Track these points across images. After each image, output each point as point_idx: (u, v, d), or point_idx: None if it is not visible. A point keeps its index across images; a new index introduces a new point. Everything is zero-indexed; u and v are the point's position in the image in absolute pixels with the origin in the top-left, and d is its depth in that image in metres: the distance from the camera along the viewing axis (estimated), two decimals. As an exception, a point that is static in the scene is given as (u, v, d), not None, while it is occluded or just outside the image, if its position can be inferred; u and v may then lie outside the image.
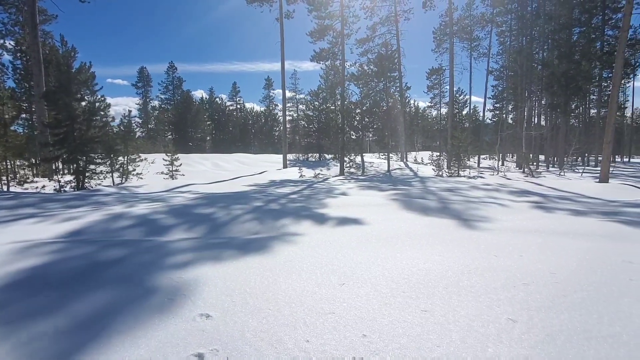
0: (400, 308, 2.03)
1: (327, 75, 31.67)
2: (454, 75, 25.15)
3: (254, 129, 68.05)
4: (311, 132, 33.58)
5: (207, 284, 2.34)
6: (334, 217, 4.93)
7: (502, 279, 2.46)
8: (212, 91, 68.02)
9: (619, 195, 8.11)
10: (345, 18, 22.12)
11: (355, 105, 23.34)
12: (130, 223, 4.52)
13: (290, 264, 2.78)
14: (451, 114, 26.99)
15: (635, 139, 47.14)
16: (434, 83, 43.67)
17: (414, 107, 56.08)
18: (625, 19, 12.42)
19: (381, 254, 3.05)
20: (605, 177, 12.48)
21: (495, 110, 42.44)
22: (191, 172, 19.33)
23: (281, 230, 4.13)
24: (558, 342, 1.69)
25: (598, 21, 26.98)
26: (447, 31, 29.48)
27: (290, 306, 2.03)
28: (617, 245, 3.43)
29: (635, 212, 5.33)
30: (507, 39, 32.16)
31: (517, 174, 19.22)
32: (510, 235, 3.81)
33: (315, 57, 26.20)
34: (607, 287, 2.36)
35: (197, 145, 58.36)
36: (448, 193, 7.56)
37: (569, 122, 26.96)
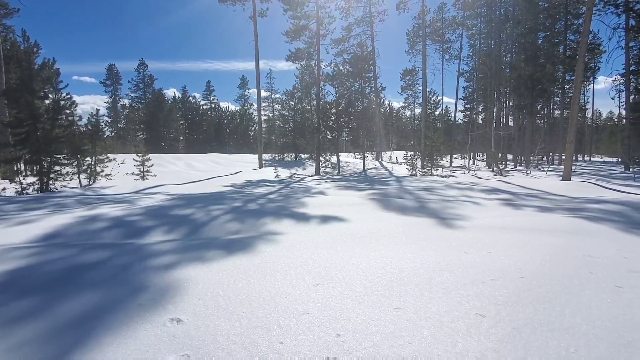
0: (374, 306, 2.05)
1: (303, 75, 31.66)
2: (427, 76, 25.69)
3: (228, 128, 67.02)
4: (287, 132, 33.46)
5: (179, 287, 2.29)
6: (310, 216, 4.93)
7: (472, 275, 2.54)
8: (185, 90, 66.39)
9: (581, 193, 8.53)
10: (320, 18, 22.16)
11: (330, 105, 23.44)
12: (103, 226, 4.35)
13: (264, 264, 2.76)
14: (424, 114, 27.58)
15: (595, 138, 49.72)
16: (408, 84, 44.48)
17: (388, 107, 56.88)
18: (586, 24, 13.08)
19: (356, 253, 3.08)
20: (568, 175, 13.10)
21: (466, 111, 43.73)
22: (163, 172, 18.82)
23: (257, 231, 4.10)
24: (524, 335, 1.75)
25: (561, 26, 28.30)
26: (420, 33, 30.10)
27: (264, 308, 2.01)
28: (579, 240, 3.60)
29: (597, 208, 5.61)
30: (477, 42, 33.21)
31: (487, 172, 19.86)
32: (481, 233, 3.93)
33: (290, 57, 26.10)
34: (569, 280, 2.48)
35: (170, 145, 56.93)
36: (424, 192, 7.73)
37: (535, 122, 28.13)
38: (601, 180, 13.10)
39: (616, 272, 2.66)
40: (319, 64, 22.00)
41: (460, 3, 31.31)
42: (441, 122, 45.02)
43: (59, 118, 12.57)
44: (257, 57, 23.58)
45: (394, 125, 54.45)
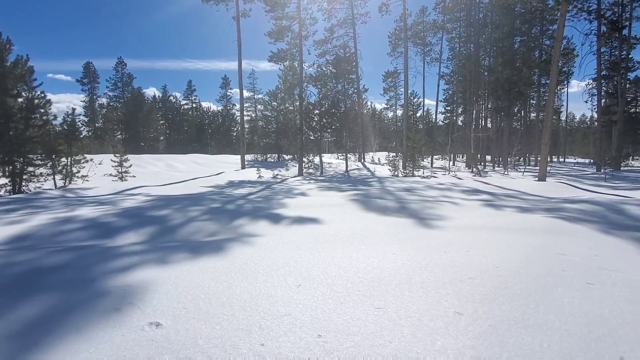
0: (355, 306, 2.07)
1: (286, 75, 31.57)
2: (408, 78, 26.07)
3: (210, 128, 66.18)
4: (270, 133, 33.29)
5: (158, 291, 2.25)
6: (292, 217, 4.93)
7: (451, 274, 2.59)
8: (166, 89, 65.11)
9: (556, 193, 8.81)
10: (303, 19, 22.17)
11: (313, 106, 23.48)
12: (77, 227, 4.23)
13: (246, 266, 2.74)
14: (406, 115, 27.95)
15: (569, 140, 51.48)
16: (390, 85, 44.98)
17: (371, 109, 57.36)
18: (559, 30, 13.54)
19: (338, 254, 3.10)
20: (544, 175, 13.53)
21: (446, 113, 44.53)
22: (143, 173, 18.44)
23: (239, 232, 4.06)
24: (500, 332, 1.80)
25: (537, 31, 29.22)
26: (401, 36, 30.49)
27: (245, 310, 2.00)
28: (554, 239, 3.72)
29: (573, 208, 5.79)
30: (457, 45, 33.87)
31: (467, 173, 20.30)
32: (460, 232, 4.01)
33: (273, 58, 26.02)
34: (543, 278, 2.56)
35: (150, 145, 55.75)
36: (405, 193, 7.83)
37: (512, 124, 28.94)
38: (574, 181, 13.58)
39: (587, 269, 2.76)
40: (302, 64, 22.00)
41: (440, 7, 31.93)
42: (422, 124, 45.75)
43: (33, 117, 12.16)
44: (240, 57, 23.41)
45: (377, 126, 54.95)
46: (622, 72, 24.15)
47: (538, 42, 29.25)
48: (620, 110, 23.77)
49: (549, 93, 14.76)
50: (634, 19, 23.67)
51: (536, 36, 29.27)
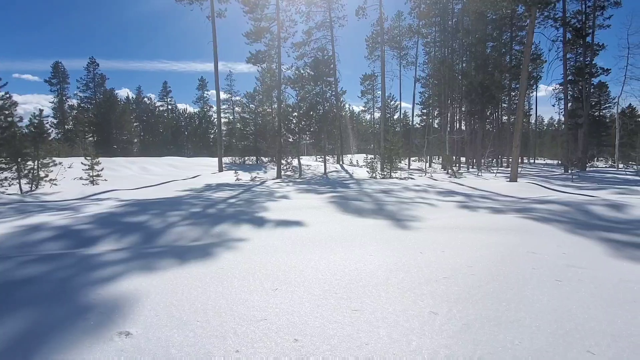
0: (332, 309, 2.06)
1: (264, 77, 31.34)
2: (385, 81, 26.44)
3: (187, 131, 64.94)
4: (248, 135, 32.95)
5: (129, 299, 2.17)
6: (270, 220, 4.88)
7: (426, 274, 2.62)
8: (140, 90, 63.42)
9: (526, 193, 9.12)
10: (281, 21, 22.14)
11: (292, 108, 23.44)
12: (45, 236, 4.03)
13: (222, 271, 2.69)
14: (383, 118, 28.32)
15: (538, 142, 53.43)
16: (367, 88, 45.41)
17: (349, 111, 57.80)
18: (529, 36, 14.08)
19: (316, 256, 3.09)
20: (515, 176, 13.99)
21: (422, 116, 45.44)
22: (116, 177, 17.85)
23: (217, 236, 3.99)
24: (473, 330, 1.84)
25: (507, 37, 30.26)
26: (378, 39, 30.89)
27: (220, 316, 1.96)
28: (524, 238, 3.84)
29: (543, 208, 5.98)
30: (432, 50, 34.66)
31: (442, 175, 20.75)
32: (436, 233, 4.08)
33: (251, 59, 25.78)
34: (514, 276, 2.63)
35: (123, 148, 54.17)
36: (382, 194, 7.90)
37: (485, 127, 29.81)
38: (544, 181, 14.10)
39: (556, 267, 2.86)
40: (280, 66, 21.92)
41: (415, 12, 32.56)
42: (400, 126, 46.46)
43: (-4, 119, 11.55)
44: (216, 58, 23.10)
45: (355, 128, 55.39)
46: (587, 77, 25.33)
47: (508, 48, 30.32)
48: (585, 114, 24.91)
49: (519, 97, 15.30)
50: (596, 27, 24.85)
51: (506, 42, 30.32)
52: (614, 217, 5.06)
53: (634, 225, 4.54)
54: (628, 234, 4.06)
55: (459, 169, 24.86)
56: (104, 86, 58.73)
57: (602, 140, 37.23)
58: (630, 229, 4.30)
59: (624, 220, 4.88)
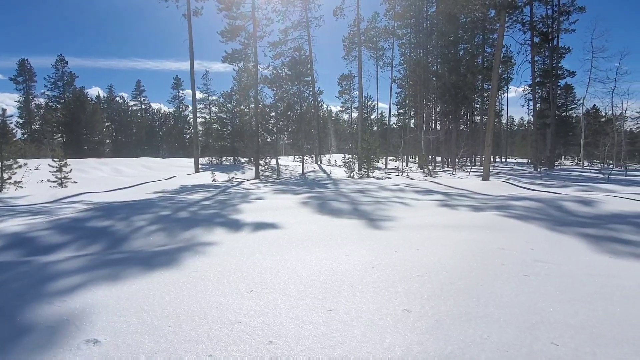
0: (308, 309, 2.06)
1: (240, 77, 31.01)
2: (362, 82, 26.69)
3: (162, 131, 63.45)
4: (225, 135, 32.53)
5: (97, 306, 2.10)
6: (246, 222, 4.83)
7: (401, 273, 2.67)
8: (112, 89, 61.46)
9: (498, 191, 9.42)
10: (257, 20, 21.94)
11: (269, 108, 23.31)
12: (2, 243, 3.84)
13: (195, 274, 2.65)
14: (361, 118, 28.58)
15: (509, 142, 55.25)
16: (345, 88, 45.73)
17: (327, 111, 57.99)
18: (499, 39, 14.54)
19: (292, 257, 3.08)
20: (487, 175, 14.42)
21: (399, 116, 46.15)
22: (86, 179, 17.22)
23: (190, 240, 3.91)
24: (445, 326, 1.88)
25: (479, 40, 31.16)
26: (355, 40, 31.14)
27: (193, 320, 1.93)
28: (494, 235, 3.97)
29: (519, 205, 6.15)
30: (407, 51, 35.24)
31: (419, 174, 21.12)
32: (410, 232, 4.16)
33: (227, 58, 25.43)
34: (484, 272, 2.71)
35: (94, 149, 52.22)
36: (359, 194, 7.97)
37: (459, 127, 30.58)
38: (514, 179, 14.61)
39: (524, 262, 2.97)
40: (257, 66, 21.75)
41: (391, 13, 33.01)
42: (377, 126, 46.98)
43: (-47, 118, 10.91)
44: (192, 57, 22.66)
45: (333, 128, 55.63)
46: (554, 79, 26.44)
47: (480, 50, 31.25)
48: (553, 114, 25.98)
49: (491, 98, 15.79)
50: (562, 31, 25.97)
51: (479, 44, 31.24)
52: (583, 213, 5.29)
53: (595, 220, 4.76)
54: (590, 229, 4.25)
55: (435, 168, 25.40)
56: (74, 85, 56.48)
57: (569, 139, 38.92)
58: (590, 224, 4.51)
59: (594, 215, 5.11)
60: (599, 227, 4.34)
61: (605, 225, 4.42)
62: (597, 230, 4.22)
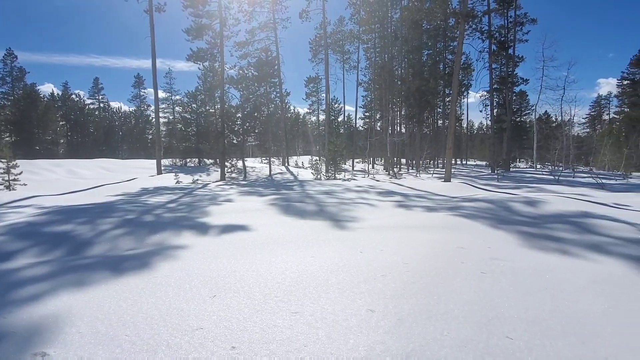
0: (272, 313, 2.05)
1: (206, 76, 30.27)
2: (329, 84, 26.92)
3: (122, 131, 60.72)
4: (189, 136, 31.61)
5: (48, 316, 1.97)
6: (210, 225, 4.72)
7: (365, 273, 2.71)
8: (67, 86, 57.94)
9: (458, 192, 9.79)
10: (224, 19, 21.54)
11: (236, 109, 22.93)
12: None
13: (156, 280, 2.55)
14: (328, 120, 28.79)
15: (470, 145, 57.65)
16: (312, 91, 45.88)
17: (294, 113, 57.89)
18: (459, 46, 15.17)
19: (257, 260, 3.05)
20: (449, 177, 14.97)
21: (365, 119, 46.82)
22: (37, 181, 16.12)
23: (151, 244, 3.77)
24: (407, 324, 1.93)
25: (441, 46, 32.32)
26: (322, 43, 31.36)
27: (152, 328, 1.85)
28: (454, 234, 4.12)
29: (470, 206, 6.47)
30: (373, 55, 35.90)
31: (384, 176, 21.56)
32: (375, 232, 4.23)
33: (192, 57, 24.74)
34: (445, 271, 2.81)
35: (47, 149, 49.06)
36: (324, 196, 8.00)
37: (423, 130, 31.52)
38: (473, 181, 15.25)
39: (482, 260, 3.11)
40: (223, 65, 21.34)
41: (356, 18, 33.52)
42: (344, 128, 47.47)
43: None
44: (154, 55, 21.88)
45: (300, 130, 55.62)
46: (509, 86, 27.85)
47: (442, 56, 32.41)
48: (509, 119, 27.36)
49: (451, 103, 16.41)
50: (517, 40, 27.43)
51: (440, 51, 32.38)
52: (529, 213, 5.61)
53: (546, 219, 5.07)
54: (541, 228, 4.52)
55: (400, 170, 26.03)
56: (24, 81, 52.73)
57: (523, 143, 41.15)
58: (541, 223, 4.79)
59: (538, 215, 5.43)
60: (545, 227, 4.61)
61: (544, 225, 4.69)
62: (544, 229, 4.48)
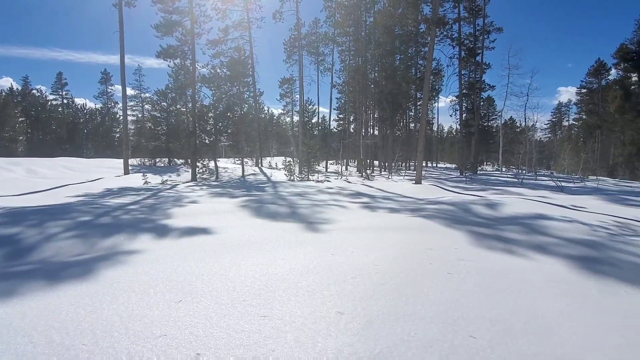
0: (240, 317, 2.01)
1: (177, 74, 29.46)
2: (304, 86, 26.92)
3: (87, 129, 58.08)
4: (159, 135, 30.65)
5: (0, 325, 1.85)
6: (178, 227, 4.59)
7: (335, 275, 2.71)
8: (27, 81, 54.90)
9: (427, 194, 10.04)
10: (195, 16, 21.05)
11: (208, 108, 22.45)
12: None
13: (118, 285, 2.45)
14: (302, 121, 28.77)
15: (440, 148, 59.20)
16: (286, 92, 45.61)
17: (268, 114, 57.46)
18: (430, 52, 15.57)
19: (226, 263, 2.99)
20: (420, 179, 15.30)
21: (339, 120, 47.13)
22: (-8, 180, 15.14)
23: (111, 249, 3.61)
24: (375, 326, 1.95)
25: (413, 52, 33.02)
26: (296, 44, 31.32)
27: (112, 336, 1.77)
28: (423, 236, 4.21)
29: (434, 208, 6.62)
30: (347, 58, 36.19)
31: (357, 177, 21.75)
32: (346, 234, 4.25)
33: (162, 54, 23.98)
34: (414, 272, 2.86)
35: (5, 147, 46.14)
36: (297, 197, 7.98)
37: (395, 133, 32.09)
38: (442, 183, 15.67)
39: (449, 261, 3.19)
40: (195, 64, 20.86)
41: (331, 21, 33.73)
42: (318, 130, 47.57)
43: None
44: (123, 50, 21.07)
45: (274, 131, 55.29)
46: (477, 91, 28.91)
47: (414, 61, 33.14)
48: (477, 124, 28.36)
49: (422, 106, 16.81)
50: (485, 48, 28.51)
51: (412, 56, 33.10)
52: (492, 215, 5.82)
53: (511, 221, 5.27)
54: (501, 230, 4.69)
55: (372, 172, 26.36)
56: (-23, 73, 49.57)
57: (490, 147, 42.77)
58: (507, 225, 4.98)
59: (505, 217, 5.64)
60: (508, 229, 4.79)
61: (507, 226, 4.88)
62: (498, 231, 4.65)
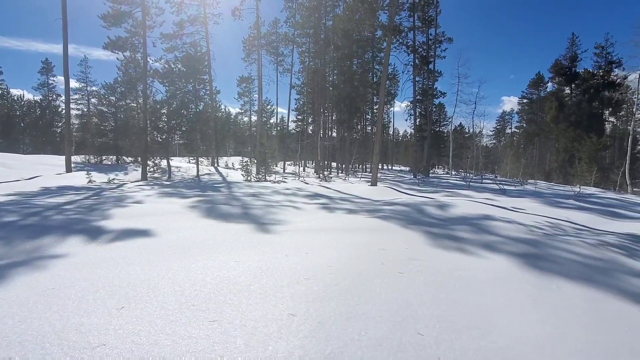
0: (188, 323, 1.93)
1: (127, 67, 27.91)
2: (262, 85, 26.57)
3: (24, 122, 53.24)
4: (106, 131, 28.82)
5: None
6: (120, 229, 4.33)
7: (289, 277, 2.69)
8: (-49, 67, 49.37)
9: (383, 196, 10.30)
10: (147, 7, 20.10)
11: (161, 104, 21.47)
12: None
13: (52, 292, 2.26)
14: (260, 121, 28.40)
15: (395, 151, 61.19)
16: (244, 91, 44.87)
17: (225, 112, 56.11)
18: (386, 58, 16.00)
19: (174, 267, 2.86)
20: (375, 181, 15.67)
21: (298, 121, 47.11)
22: None
23: (33, 252, 3.33)
24: (327, 327, 1.95)
25: (369, 57, 33.85)
26: (255, 43, 30.90)
27: (43, 347, 1.63)
28: (377, 236, 4.30)
29: (390, 209, 6.83)
30: (307, 59, 36.33)
31: (314, 179, 21.86)
32: (301, 235, 4.24)
33: (109, 45, 22.60)
34: (366, 272, 2.91)
35: None
36: (252, 198, 7.85)
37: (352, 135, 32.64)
38: (397, 185, 16.18)
39: (400, 261, 3.28)
40: (146, 57, 19.87)
41: (291, 21, 33.69)
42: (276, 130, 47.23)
43: None
44: (66, 39, 19.58)
45: (231, 130, 54.12)
46: (430, 98, 30.22)
47: (371, 66, 33.98)
48: (429, 129, 29.66)
49: (379, 110, 17.25)
50: (437, 57, 29.86)
51: (369, 60, 33.92)
52: (443, 216, 6.10)
53: (461, 221, 5.55)
54: (453, 230, 4.93)
55: (330, 174, 26.63)
56: None
57: (441, 151, 44.82)
58: (456, 224, 5.23)
59: (454, 217, 5.92)
60: (456, 229, 5.04)
61: (457, 226, 5.15)
62: (448, 230, 4.89)
